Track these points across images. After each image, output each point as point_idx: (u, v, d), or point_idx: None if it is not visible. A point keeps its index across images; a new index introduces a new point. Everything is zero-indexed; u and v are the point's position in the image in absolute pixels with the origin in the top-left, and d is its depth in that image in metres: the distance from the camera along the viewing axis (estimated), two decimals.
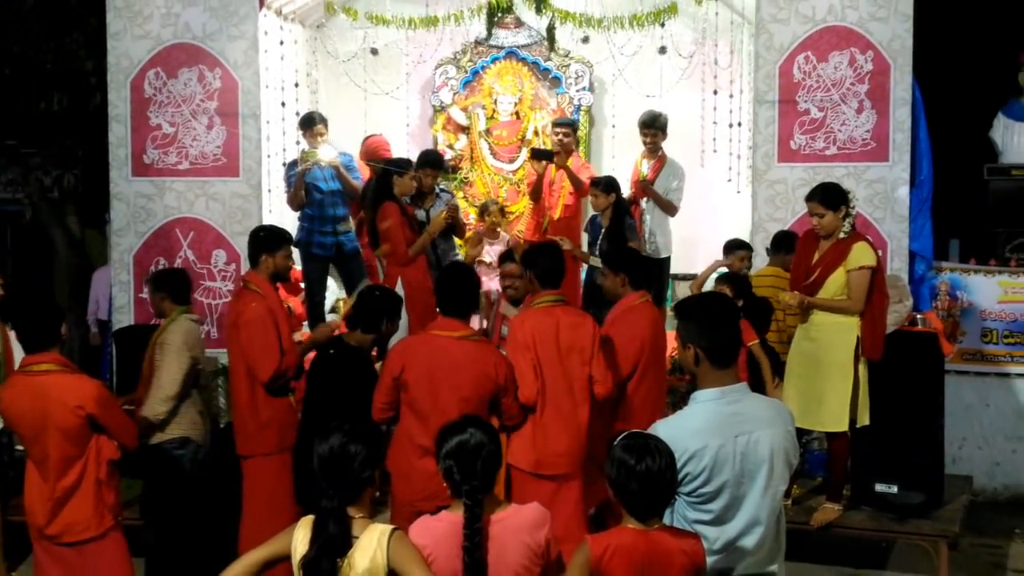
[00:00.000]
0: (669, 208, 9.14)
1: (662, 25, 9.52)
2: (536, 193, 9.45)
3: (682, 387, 7.81)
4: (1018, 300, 8.49)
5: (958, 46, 8.96)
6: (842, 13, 8.28)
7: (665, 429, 3.91)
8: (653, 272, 8.85)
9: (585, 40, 10.37)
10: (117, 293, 9.07)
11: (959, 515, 7.10)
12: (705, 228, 9.92)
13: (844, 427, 6.53)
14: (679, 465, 3.80)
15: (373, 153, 9.24)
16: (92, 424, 5.49)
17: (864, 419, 6.59)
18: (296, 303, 9.27)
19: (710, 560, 3.83)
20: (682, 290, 10.00)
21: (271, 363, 6.28)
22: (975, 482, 8.16)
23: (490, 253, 8.88)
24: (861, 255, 6.43)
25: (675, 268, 9.85)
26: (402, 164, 8.59)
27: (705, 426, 3.88)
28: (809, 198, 6.59)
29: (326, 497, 3.80)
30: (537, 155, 9.21)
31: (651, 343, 6.19)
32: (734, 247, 8.20)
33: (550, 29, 9.75)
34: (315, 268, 9.13)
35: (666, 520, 3.89)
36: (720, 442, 3.84)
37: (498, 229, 9.16)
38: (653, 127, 9.16)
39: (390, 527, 3.83)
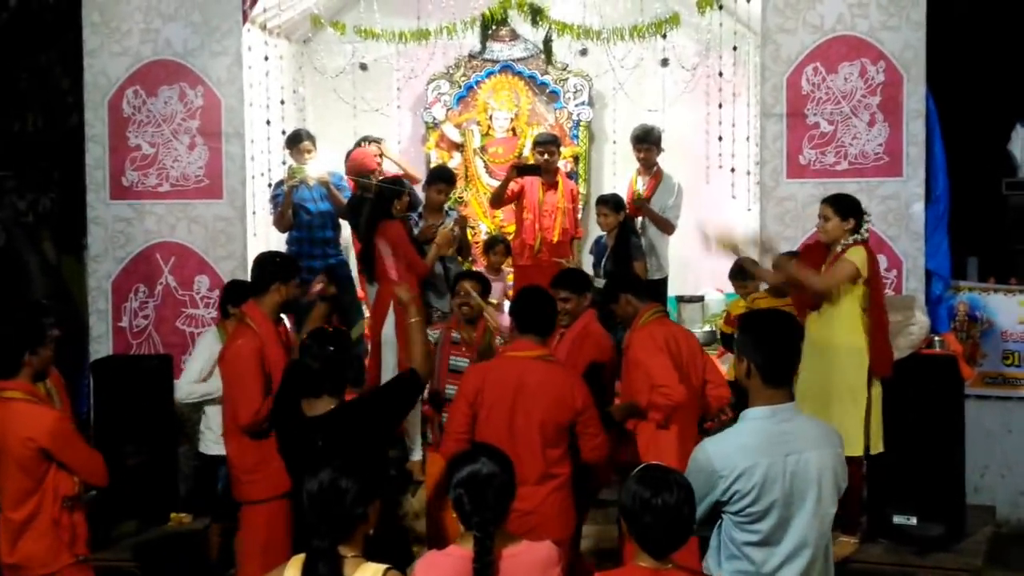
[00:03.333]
0: (666, 227, 8.84)
1: (664, 36, 9.23)
2: (498, 200, 9.08)
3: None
4: None
5: (973, 55, 8.67)
6: (852, 22, 7.95)
7: (714, 446, 3.88)
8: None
9: (584, 53, 10.10)
10: (95, 322, 8.73)
11: (982, 548, 6.93)
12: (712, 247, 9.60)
13: (858, 451, 6.37)
14: (728, 483, 3.77)
15: (361, 167, 8.88)
16: (48, 457, 5.24)
17: (878, 445, 6.47)
18: None
19: None
20: (688, 313, 9.68)
21: (249, 407, 5.86)
22: (998, 512, 7.90)
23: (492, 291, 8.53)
24: (852, 254, 6.35)
25: (680, 289, 9.58)
26: (397, 183, 8.28)
27: (755, 444, 3.83)
28: (823, 200, 6.60)
29: (316, 536, 3.62)
30: (523, 171, 8.85)
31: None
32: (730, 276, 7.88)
33: (547, 42, 9.48)
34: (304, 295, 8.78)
35: (712, 541, 3.91)
36: (770, 460, 3.79)
37: (502, 268, 8.80)
38: (646, 142, 8.88)
39: (383, 567, 3.64)
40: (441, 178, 8.52)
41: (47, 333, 5.44)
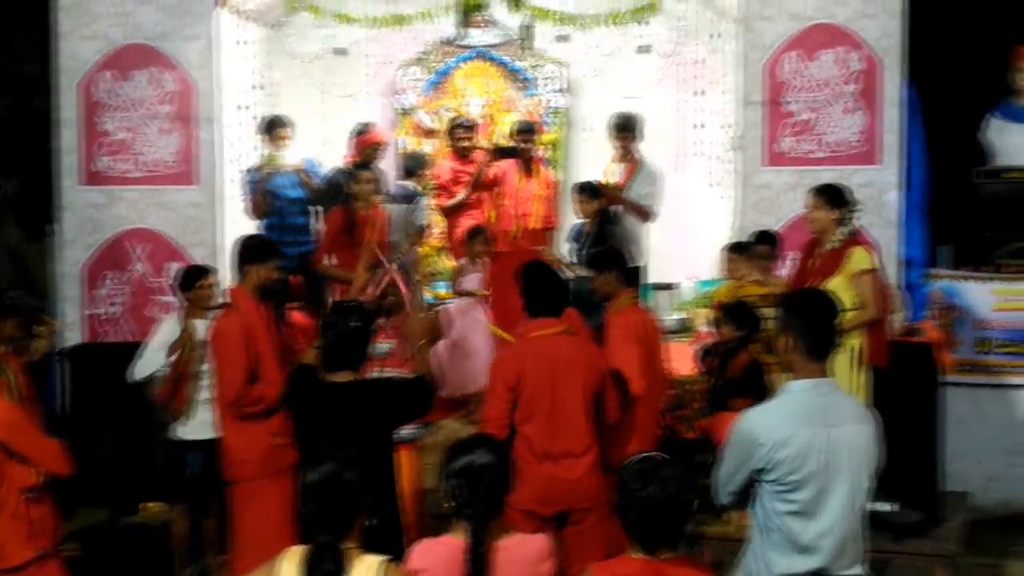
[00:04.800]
0: (644, 214, 8.79)
1: (643, 23, 9.20)
2: (475, 185, 9.05)
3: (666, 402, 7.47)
4: (1014, 308, 8.20)
5: (949, 44, 8.69)
6: (830, 10, 8.02)
7: (756, 416, 4.01)
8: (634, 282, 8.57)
9: (562, 39, 10.03)
10: (65, 309, 8.61)
11: (958, 533, 6.96)
12: (685, 235, 9.61)
13: None
14: (767, 451, 3.86)
15: (369, 140, 8.98)
16: (3, 448, 5.09)
17: None
18: (300, 316, 8.85)
19: (799, 559, 3.91)
20: (660, 300, 9.68)
21: (231, 384, 5.88)
22: (971, 498, 7.91)
23: (471, 282, 8.45)
24: (859, 259, 6.38)
25: (653, 277, 9.53)
26: (360, 166, 8.36)
27: (796, 414, 3.94)
28: (810, 190, 6.62)
29: (320, 531, 3.57)
30: (500, 154, 8.87)
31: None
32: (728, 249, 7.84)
33: (527, 27, 9.40)
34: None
35: (756, 512, 4.01)
36: (810, 431, 3.89)
37: (482, 258, 8.69)
38: (627, 130, 8.80)
39: (381, 558, 3.60)
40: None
41: None
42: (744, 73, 8.15)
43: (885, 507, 6.74)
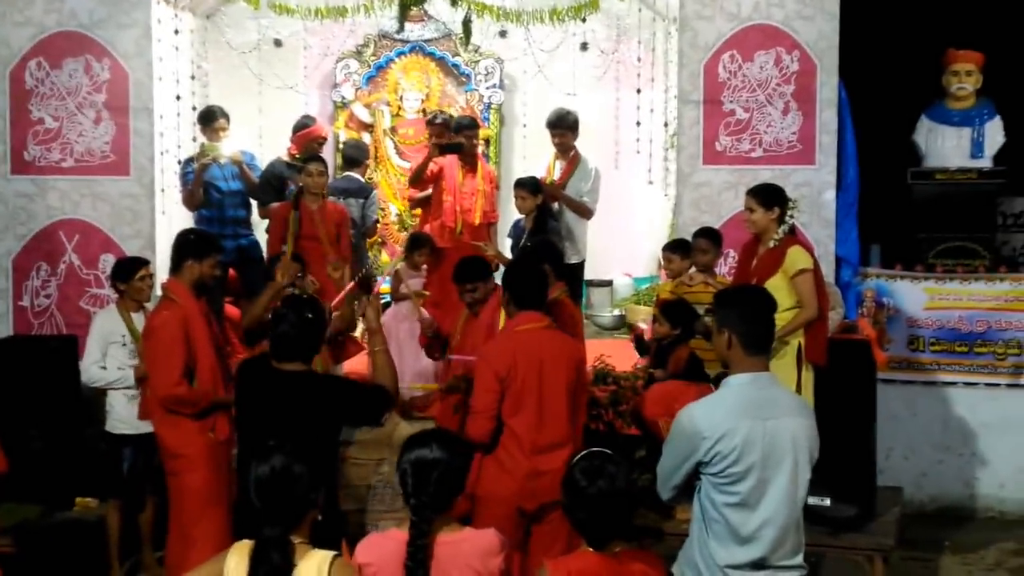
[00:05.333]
0: (583, 211, 8.80)
1: (583, 20, 9.21)
2: (417, 179, 8.97)
3: (605, 398, 7.51)
4: (945, 307, 8.37)
5: (883, 47, 8.82)
6: (767, 11, 8.07)
7: (699, 409, 4.04)
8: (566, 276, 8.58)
9: (503, 34, 10.04)
10: None
11: (893, 528, 6.98)
12: (623, 232, 9.65)
13: None
14: (711, 444, 3.88)
15: (311, 134, 8.94)
16: None
17: None
18: (234, 310, 8.72)
19: (740, 550, 3.93)
20: (597, 297, 9.72)
21: (166, 378, 5.88)
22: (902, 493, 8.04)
23: (413, 285, 8.35)
24: (797, 259, 6.41)
25: (590, 274, 9.58)
26: (308, 160, 8.22)
27: (737, 407, 3.99)
28: (747, 191, 6.65)
29: (267, 524, 3.53)
30: (445, 150, 8.80)
31: None
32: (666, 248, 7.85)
33: (467, 22, 9.38)
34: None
35: (694, 508, 4.05)
36: (751, 423, 3.93)
37: (423, 267, 8.63)
38: (560, 127, 8.81)
39: (331, 553, 3.58)
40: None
41: None
42: (682, 72, 8.18)
43: (820, 502, 6.82)
